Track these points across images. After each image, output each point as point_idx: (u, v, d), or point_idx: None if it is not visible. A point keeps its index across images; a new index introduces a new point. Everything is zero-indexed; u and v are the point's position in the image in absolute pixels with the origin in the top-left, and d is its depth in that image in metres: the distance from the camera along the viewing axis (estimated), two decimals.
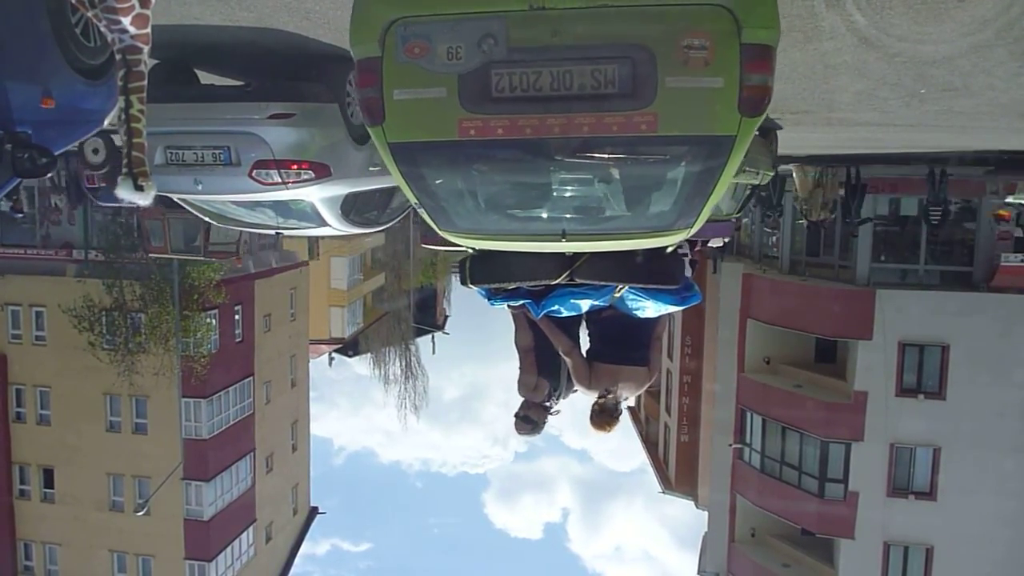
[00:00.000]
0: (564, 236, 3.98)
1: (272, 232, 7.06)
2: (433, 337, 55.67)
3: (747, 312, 25.93)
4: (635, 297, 4.77)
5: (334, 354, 48.66)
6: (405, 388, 55.36)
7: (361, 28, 3.46)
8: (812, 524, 24.29)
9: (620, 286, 4.68)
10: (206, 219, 7.05)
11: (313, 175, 5.88)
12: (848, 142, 13.57)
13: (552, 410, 5.15)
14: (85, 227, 27.23)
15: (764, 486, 25.50)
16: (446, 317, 67.29)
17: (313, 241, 31.85)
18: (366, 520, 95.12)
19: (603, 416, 4.87)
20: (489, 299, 4.92)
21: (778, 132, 12.39)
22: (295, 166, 5.79)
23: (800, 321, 24.41)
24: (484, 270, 4.63)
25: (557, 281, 4.54)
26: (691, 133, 3.52)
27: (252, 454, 31.00)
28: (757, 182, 12.11)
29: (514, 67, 3.39)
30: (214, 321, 27.66)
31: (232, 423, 29.47)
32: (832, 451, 23.64)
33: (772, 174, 13.50)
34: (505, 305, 4.97)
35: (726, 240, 13.26)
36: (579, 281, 4.57)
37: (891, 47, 6.41)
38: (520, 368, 5.13)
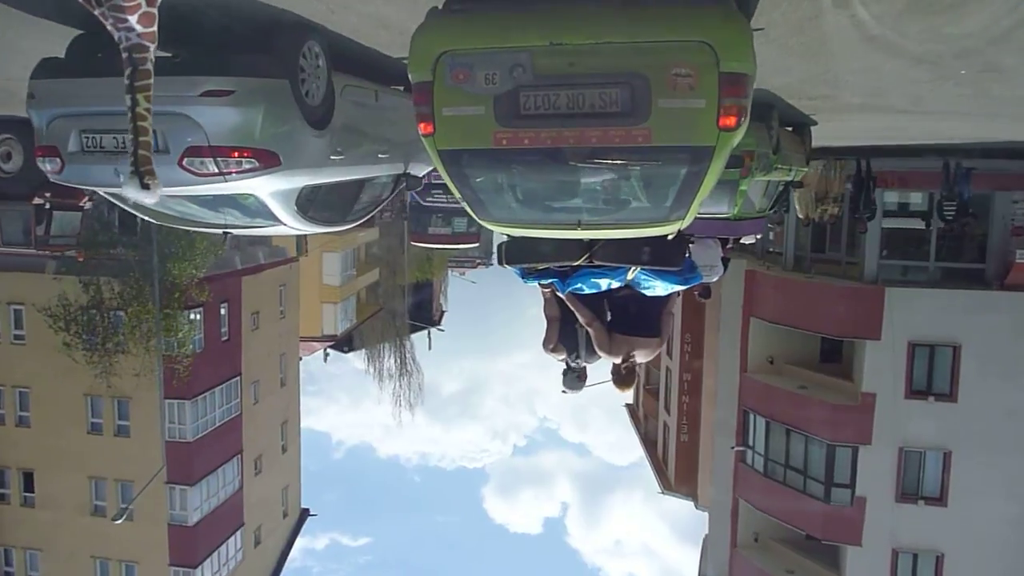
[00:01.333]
0: (580, 225, 4.81)
1: (219, 232, 6.04)
2: (429, 333, 55.38)
3: (750, 310, 25.04)
4: (646, 277, 5.66)
5: (329, 350, 47.92)
6: (400, 385, 54.96)
7: (418, 58, 4.18)
8: (817, 530, 23.41)
9: (632, 268, 5.53)
10: (144, 217, 6.12)
11: (257, 164, 4.91)
12: (867, 132, 12.65)
13: (574, 366, 6.00)
14: None
15: (767, 490, 24.63)
16: (443, 312, 66.90)
17: (301, 236, 30.89)
18: (365, 515, 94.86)
19: (621, 378, 5.89)
20: (523, 277, 5.82)
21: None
22: (235, 154, 4.82)
23: (805, 320, 23.50)
24: (517, 253, 5.58)
25: (578, 262, 5.43)
26: (679, 144, 4.21)
27: (240, 456, 30.09)
28: (791, 178, 11.67)
29: (538, 90, 4.12)
30: (199, 318, 26.77)
31: (218, 424, 28.54)
32: (839, 455, 22.76)
33: (806, 170, 12.98)
34: (537, 283, 5.85)
35: (758, 236, 13.20)
36: (597, 263, 5.45)
37: (932, 20, 5.52)
38: (546, 332, 6.05)
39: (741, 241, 12.07)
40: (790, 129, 11.45)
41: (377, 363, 55.07)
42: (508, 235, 5.39)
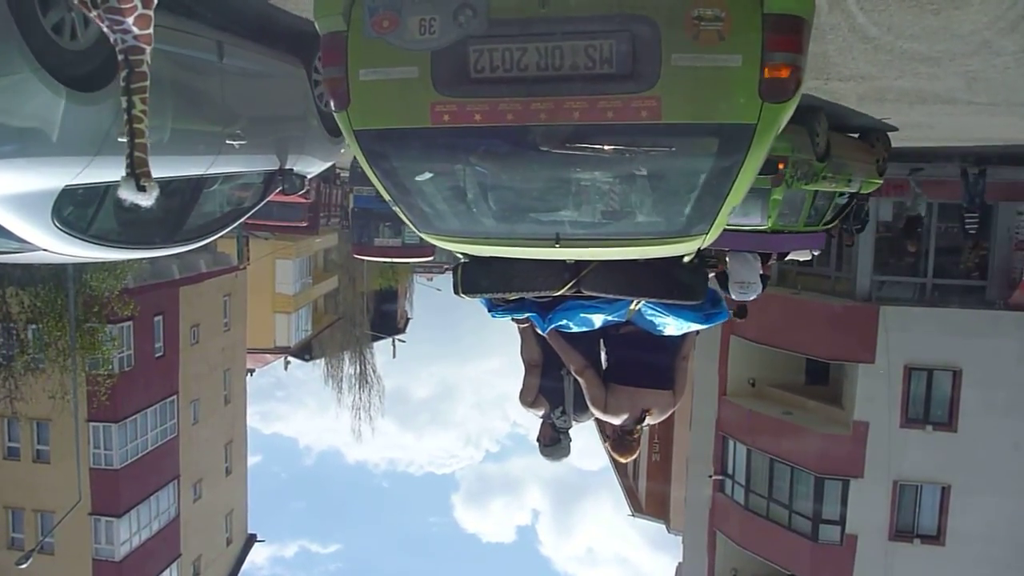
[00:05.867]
0: (558, 241, 3.60)
1: None
2: (394, 341, 54.24)
3: (730, 328, 23.02)
4: (654, 312, 4.38)
5: (290, 358, 45.87)
6: (360, 397, 53.45)
7: None
8: (804, 570, 21.37)
9: (635, 300, 4.25)
10: None
11: None
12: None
13: (560, 429, 4.68)
14: None
15: (748, 525, 22.61)
16: (407, 320, 65.62)
17: (242, 242, 28.51)
18: (334, 521, 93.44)
19: (622, 444, 4.59)
20: (490, 310, 4.56)
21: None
22: None
23: (790, 340, 21.55)
24: (478, 279, 4.16)
25: (561, 293, 4.10)
26: (701, 121, 3.07)
27: (176, 482, 27.73)
28: (854, 191, 10.26)
29: (495, 43, 3.03)
30: (127, 333, 24.34)
31: (151, 449, 26.18)
32: (828, 488, 20.75)
33: (878, 182, 11.61)
34: (509, 318, 4.56)
35: (816, 253, 11.44)
36: (588, 293, 4.12)
37: None
38: (523, 382, 4.77)
39: (791, 257, 10.87)
40: (856, 136, 10.24)
41: (336, 373, 53.47)
42: (463, 254, 4.11)
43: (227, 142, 4.32)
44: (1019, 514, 19.62)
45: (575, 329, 4.43)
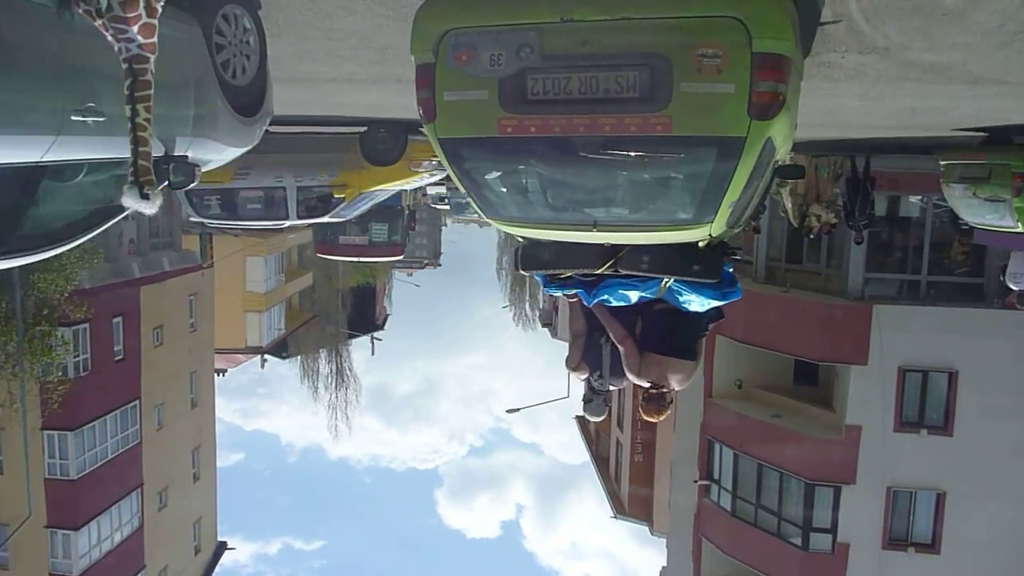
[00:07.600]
0: (595, 226, 4.42)
1: None
2: (372, 338, 53.44)
3: (716, 328, 22.01)
4: (680, 289, 5.04)
5: (267, 356, 44.66)
6: (336, 396, 52.55)
7: (419, 38, 3.98)
8: None
9: (665, 279, 4.96)
10: None
11: None
12: (894, 117, 9.59)
13: (597, 391, 5.48)
14: None
15: (736, 532, 21.72)
16: (386, 316, 64.82)
17: (205, 240, 27.25)
18: (318, 517, 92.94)
19: (651, 404, 5.26)
20: (545, 285, 5.44)
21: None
22: None
23: (779, 341, 20.60)
24: (534, 257, 5.07)
25: (601, 271, 4.91)
26: (703, 134, 3.82)
27: (140, 490, 26.44)
28: None
29: (547, 73, 3.86)
30: (83, 336, 23.05)
31: (111, 457, 24.85)
32: (818, 495, 19.90)
33: None
34: (561, 293, 5.38)
35: None
36: (625, 272, 4.90)
37: None
38: (569, 349, 5.59)
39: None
40: None
41: (313, 372, 52.51)
42: (521, 237, 5.02)
43: (73, 118, 3.22)
44: (1017, 521, 18.85)
45: (614, 303, 5.14)
